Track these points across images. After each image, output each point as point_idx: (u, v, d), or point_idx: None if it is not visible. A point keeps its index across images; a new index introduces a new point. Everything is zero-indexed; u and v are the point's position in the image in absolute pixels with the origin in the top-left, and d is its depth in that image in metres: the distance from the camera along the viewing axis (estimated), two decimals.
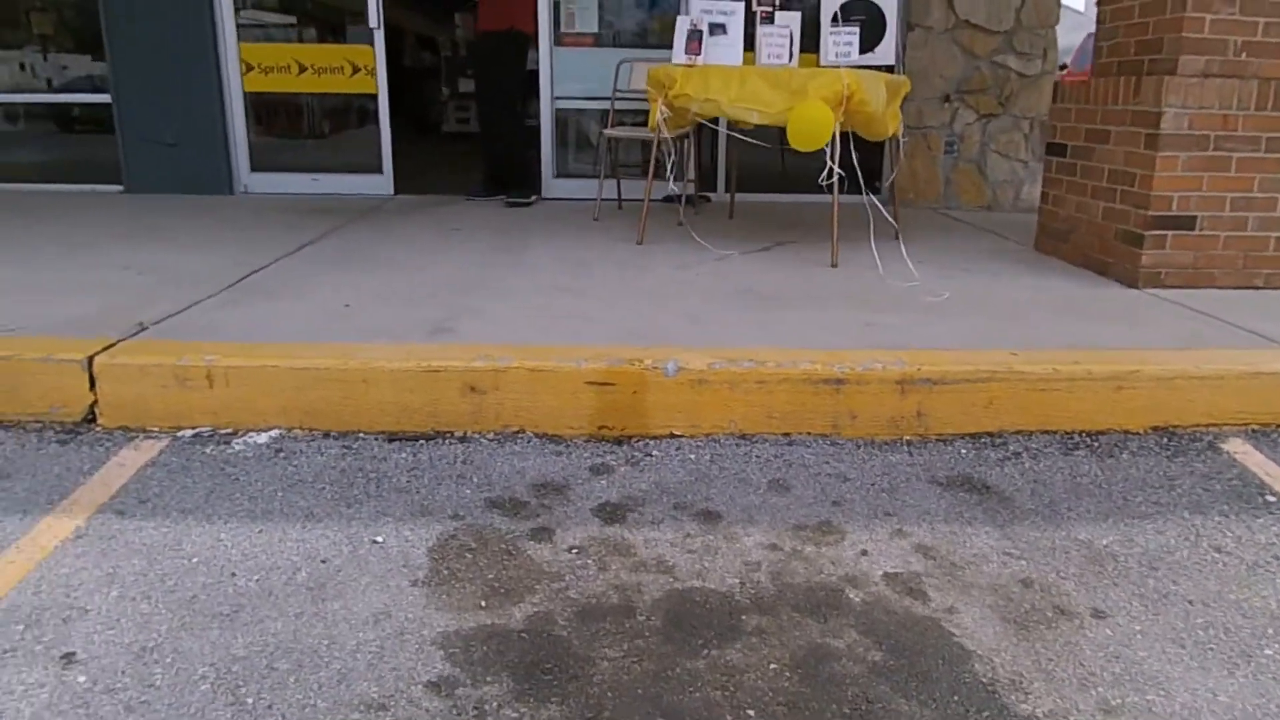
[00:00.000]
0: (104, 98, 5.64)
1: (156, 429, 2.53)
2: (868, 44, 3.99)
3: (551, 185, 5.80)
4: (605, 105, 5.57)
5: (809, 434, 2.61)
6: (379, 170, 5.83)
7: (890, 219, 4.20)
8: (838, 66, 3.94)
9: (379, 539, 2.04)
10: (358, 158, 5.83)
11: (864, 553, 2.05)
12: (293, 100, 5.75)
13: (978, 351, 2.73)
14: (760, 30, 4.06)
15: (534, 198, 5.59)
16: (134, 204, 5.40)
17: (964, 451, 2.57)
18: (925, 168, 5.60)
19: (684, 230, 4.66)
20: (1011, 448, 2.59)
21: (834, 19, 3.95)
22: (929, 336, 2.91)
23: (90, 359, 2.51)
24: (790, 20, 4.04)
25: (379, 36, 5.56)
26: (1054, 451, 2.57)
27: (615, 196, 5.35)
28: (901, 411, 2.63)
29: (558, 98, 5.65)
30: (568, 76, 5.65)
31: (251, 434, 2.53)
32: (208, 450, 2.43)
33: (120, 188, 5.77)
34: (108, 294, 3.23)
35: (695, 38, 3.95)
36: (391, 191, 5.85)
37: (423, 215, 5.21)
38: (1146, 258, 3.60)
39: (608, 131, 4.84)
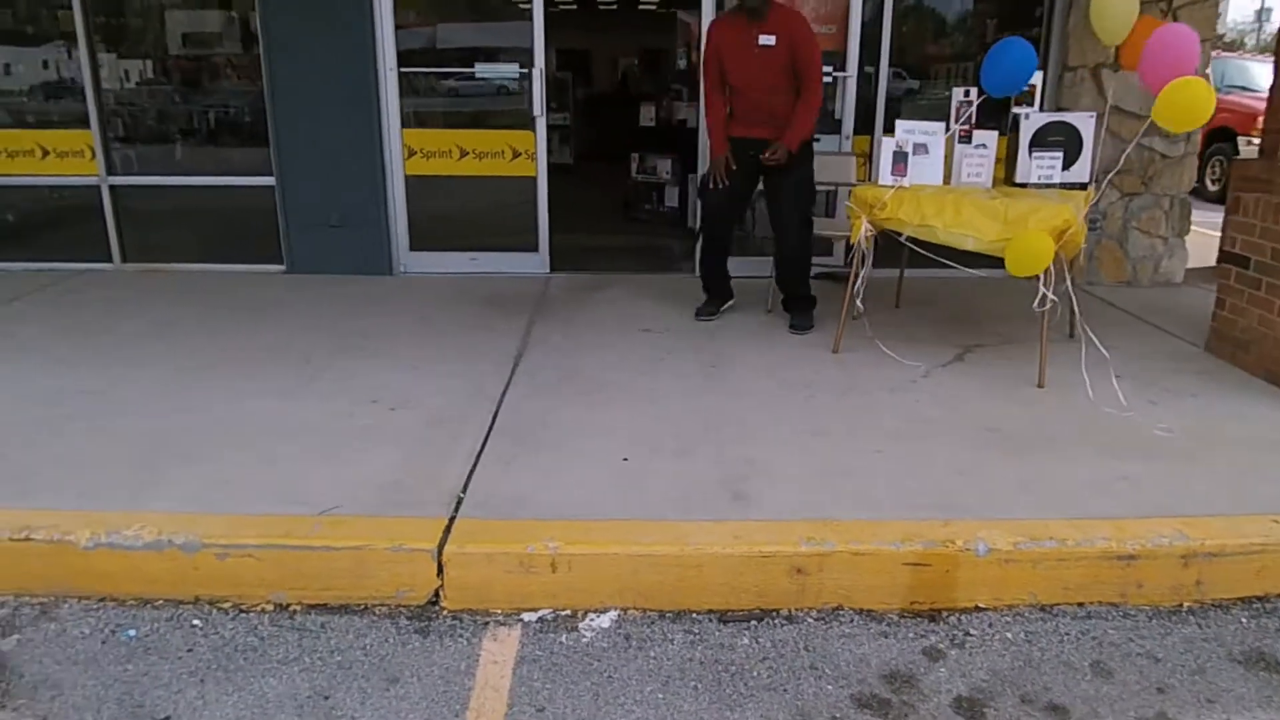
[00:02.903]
0: (268, 180, 5.79)
1: (499, 611, 2.69)
2: (1066, 163, 4.14)
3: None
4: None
5: (1099, 603, 2.79)
6: (535, 249, 5.98)
7: (1093, 339, 4.19)
8: (1040, 186, 4.13)
9: None
10: (515, 237, 5.97)
11: None
12: (452, 182, 5.84)
13: (1244, 519, 2.91)
14: (959, 149, 4.21)
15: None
16: (307, 290, 5.58)
17: (1243, 620, 2.74)
18: None
19: (864, 327, 4.70)
20: None
21: (1033, 142, 4.10)
22: (1189, 493, 3.09)
23: (440, 548, 2.69)
24: (988, 139, 4.19)
25: (540, 123, 5.72)
26: None
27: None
28: (1182, 581, 2.80)
29: None
30: None
31: (592, 616, 2.69)
32: (562, 639, 2.59)
33: (282, 267, 5.94)
34: (385, 444, 3.40)
35: (900, 159, 4.08)
36: (548, 270, 6.00)
37: (599, 307, 5.34)
38: None
39: None
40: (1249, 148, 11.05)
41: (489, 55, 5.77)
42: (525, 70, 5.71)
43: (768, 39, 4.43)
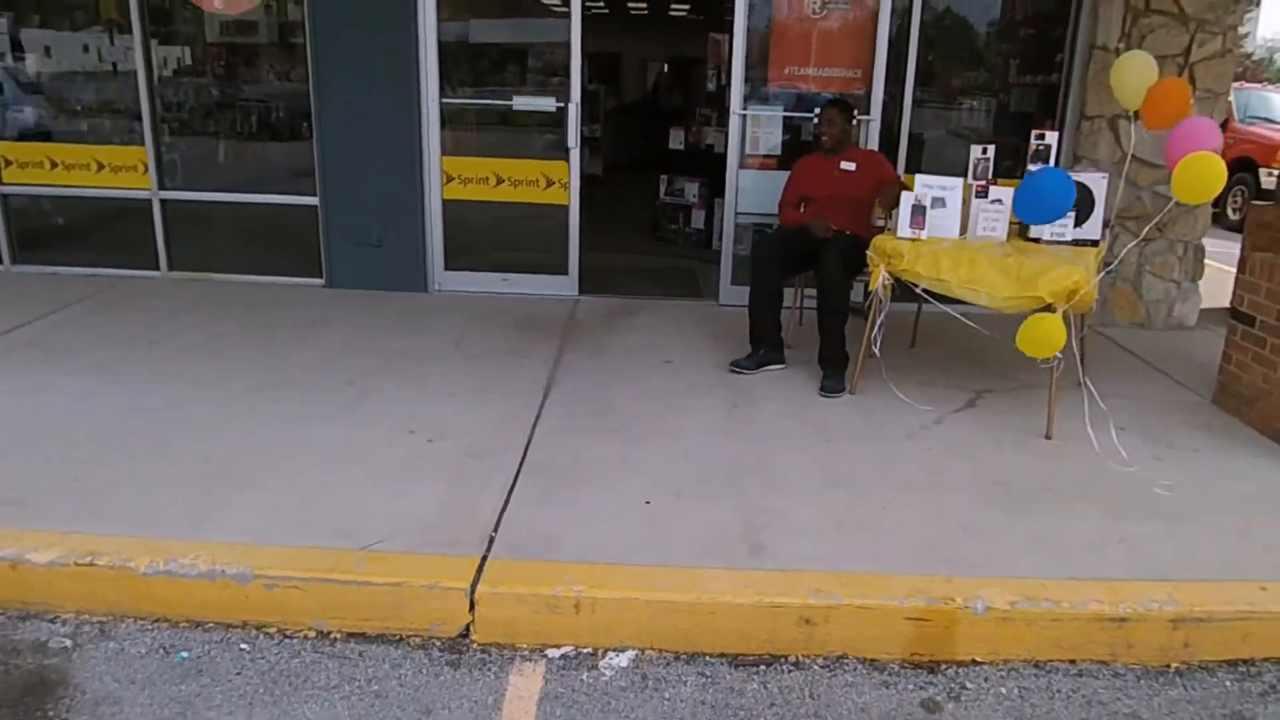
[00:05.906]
0: (312, 200, 6.05)
1: (525, 646, 2.89)
2: (1078, 221, 4.29)
3: (729, 292, 6.13)
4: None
5: (1091, 660, 2.95)
6: (565, 272, 6.21)
7: (1096, 396, 4.27)
8: (1052, 244, 4.29)
9: None
10: (546, 260, 6.21)
11: None
12: (488, 206, 6.07)
13: (1232, 585, 3.07)
14: (975, 203, 4.36)
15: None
16: (347, 306, 5.85)
17: (1228, 684, 2.89)
18: None
19: (880, 369, 4.78)
20: (1266, 679, 2.91)
21: None
22: (1182, 556, 3.25)
23: (473, 587, 2.89)
24: (1003, 194, 4.33)
25: (575, 155, 5.93)
26: None
27: (797, 306, 5.54)
28: (1171, 643, 2.96)
29: (740, 213, 6.02)
30: (748, 194, 5.99)
31: (611, 655, 2.88)
32: (583, 677, 2.79)
33: (321, 281, 6.20)
34: (423, 477, 3.61)
35: (919, 213, 4.24)
36: (576, 293, 6.23)
37: (626, 335, 5.57)
38: None
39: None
40: (1269, 179, 11.13)
41: (527, 88, 6.01)
42: (562, 105, 5.93)
43: (848, 165, 5.10)
